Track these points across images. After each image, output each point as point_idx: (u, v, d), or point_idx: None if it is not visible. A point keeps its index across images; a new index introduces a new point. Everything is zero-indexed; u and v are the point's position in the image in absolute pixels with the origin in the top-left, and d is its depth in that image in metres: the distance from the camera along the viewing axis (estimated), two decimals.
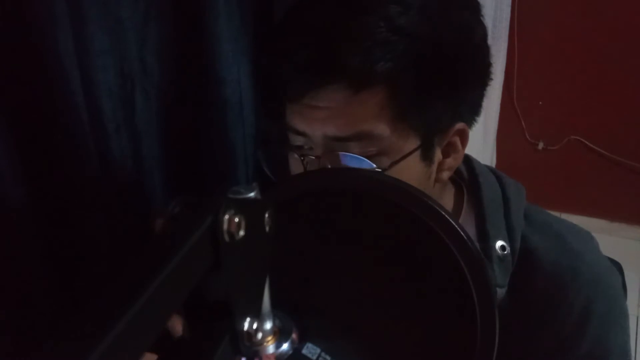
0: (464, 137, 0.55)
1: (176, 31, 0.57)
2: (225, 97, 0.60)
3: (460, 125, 0.54)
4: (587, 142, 2.31)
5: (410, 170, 0.51)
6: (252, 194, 0.28)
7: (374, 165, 0.49)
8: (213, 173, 0.64)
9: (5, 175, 0.42)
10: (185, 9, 0.56)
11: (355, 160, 0.50)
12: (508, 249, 0.55)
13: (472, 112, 0.56)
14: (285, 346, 0.31)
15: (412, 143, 0.51)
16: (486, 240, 0.55)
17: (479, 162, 0.63)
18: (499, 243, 0.55)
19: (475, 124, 0.57)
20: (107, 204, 0.51)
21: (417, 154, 0.51)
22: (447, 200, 0.61)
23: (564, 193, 2.42)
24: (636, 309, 1.95)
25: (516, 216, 0.57)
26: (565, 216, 2.42)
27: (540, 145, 2.40)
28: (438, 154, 0.54)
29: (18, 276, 0.45)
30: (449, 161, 0.55)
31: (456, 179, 0.63)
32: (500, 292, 0.54)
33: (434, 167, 0.54)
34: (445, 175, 0.56)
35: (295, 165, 0.55)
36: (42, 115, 0.45)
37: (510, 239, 0.56)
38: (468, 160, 0.63)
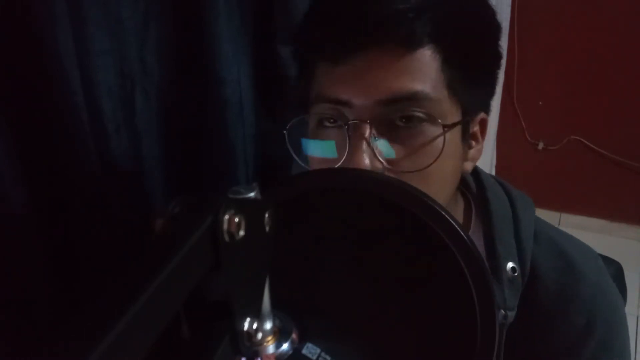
0: (483, 129, 0.54)
1: (176, 31, 0.57)
2: (225, 97, 0.60)
3: (483, 115, 0.53)
4: (587, 142, 2.31)
5: (453, 148, 0.49)
6: (252, 194, 0.28)
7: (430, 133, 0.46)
8: (213, 173, 0.64)
9: (5, 175, 0.42)
10: (185, 9, 0.56)
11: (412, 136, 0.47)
12: (518, 271, 0.53)
13: (490, 99, 0.55)
14: (285, 346, 0.31)
15: (457, 117, 0.49)
16: (496, 260, 0.53)
17: (486, 174, 0.61)
18: (510, 265, 0.53)
19: (489, 113, 0.56)
20: (107, 204, 0.51)
21: (459, 132, 0.49)
22: (458, 214, 0.59)
23: (564, 193, 2.43)
24: (636, 309, 1.95)
25: (526, 236, 0.56)
26: (565, 216, 2.42)
27: (540, 145, 2.40)
28: (467, 141, 0.53)
29: (18, 276, 0.45)
30: (472, 152, 0.54)
31: (465, 192, 0.61)
32: (511, 315, 0.52)
33: (465, 152, 0.53)
34: (469, 166, 0.54)
35: (333, 140, 0.49)
36: (42, 115, 0.45)
37: (520, 261, 0.54)
38: (475, 172, 0.61)
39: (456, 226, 0.35)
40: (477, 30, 0.50)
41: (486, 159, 2.16)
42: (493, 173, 2.30)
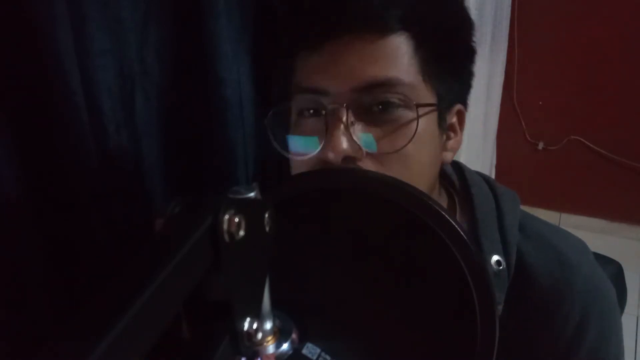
0: (461, 119, 0.55)
1: (176, 31, 0.57)
2: (225, 97, 0.60)
3: (459, 106, 0.54)
4: (587, 142, 2.31)
5: (430, 133, 0.50)
6: (252, 194, 0.28)
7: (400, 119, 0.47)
8: (213, 173, 0.64)
9: (5, 175, 0.42)
10: (185, 10, 0.56)
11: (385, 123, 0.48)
12: (503, 264, 0.53)
13: (465, 93, 0.56)
14: (285, 346, 0.31)
15: (432, 102, 0.50)
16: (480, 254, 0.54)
17: (470, 170, 0.62)
18: (495, 258, 0.54)
19: (467, 108, 0.57)
20: (107, 203, 0.51)
21: (435, 118, 0.50)
22: None
23: (564, 193, 2.43)
24: (636, 309, 1.95)
25: (511, 229, 0.56)
26: (565, 216, 2.43)
27: (540, 145, 2.41)
28: (445, 130, 0.53)
29: (18, 276, 0.45)
30: (451, 143, 0.55)
31: (448, 188, 0.61)
32: (498, 309, 0.52)
33: (443, 141, 0.53)
34: (449, 156, 0.55)
35: (311, 129, 0.50)
36: (42, 115, 0.45)
37: (505, 253, 0.54)
38: (459, 168, 0.62)
39: (456, 226, 0.35)
40: (448, 21, 0.51)
41: (486, 159, 2.17)
42: (493, 173, 2.30)
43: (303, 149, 0.50)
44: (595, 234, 2.28)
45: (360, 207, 0.39)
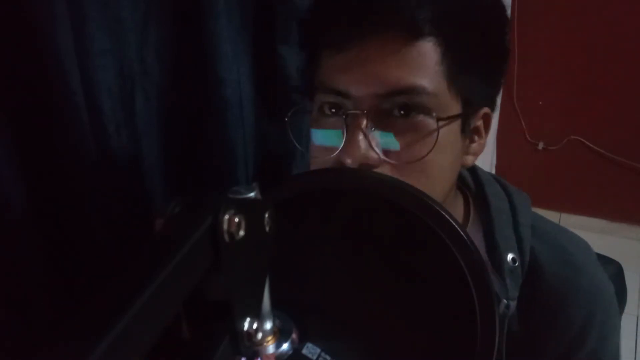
0: (487, 123, 0.55)
1: (176, 31, 0.57)
2: (225, 97, 0.60)
3: (486, 109, 0.53)
4: (587, 142, 2.31)
5: (452, 140, 0.49)
6: (252, 194, 0.28)
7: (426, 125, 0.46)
8: (213, 173, 0.64)
9: (5, 175, 0.42)
10: (185, 10, 0.56)
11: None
12: (518, 261, 0.54)
13: (495, 94, 0.55)
14: (285, 346, 0.31)
15: (456, 110, 0.49)
16: (496, 252, 0.55)
17: (483, 170, 0.62)
18: (510, 256, 0.54)
19: (495, 108, 0.56)
20: (107, 204, 0.51)
21: (458, 124, 0.49)
22: (457, 209, 0.60)
23: (564, 193, 2.43)
24: (636, 309, 1.95)
25: (525, 228, 0.57)
26: (565, 216, 2.43)
27: (540, 145, 2.41)
28: (468, 135, 0.53)
29: (18, 276, 0.45)
30: (474, 146, 0.54)
31: (463, 188, 0.62)
32: (513, 305, 0.54)
33: (466, 145, 0.53)
34: (470, 160, 0.55)
35: (333, 127, 0.50)
36: (42, 115, 0.45)
37: (520, 251, 0.55)
38: (473, 168, 0.62)
39: (456, 226, 0.35)
40: (481, 23, 0.50)
41: (486, 159, 2.17)
42: (493, 173, 2.30)
43: (327, 142, 0.49)
44: (595, 234, 2.28)
45: (361, 207, 0.39)
